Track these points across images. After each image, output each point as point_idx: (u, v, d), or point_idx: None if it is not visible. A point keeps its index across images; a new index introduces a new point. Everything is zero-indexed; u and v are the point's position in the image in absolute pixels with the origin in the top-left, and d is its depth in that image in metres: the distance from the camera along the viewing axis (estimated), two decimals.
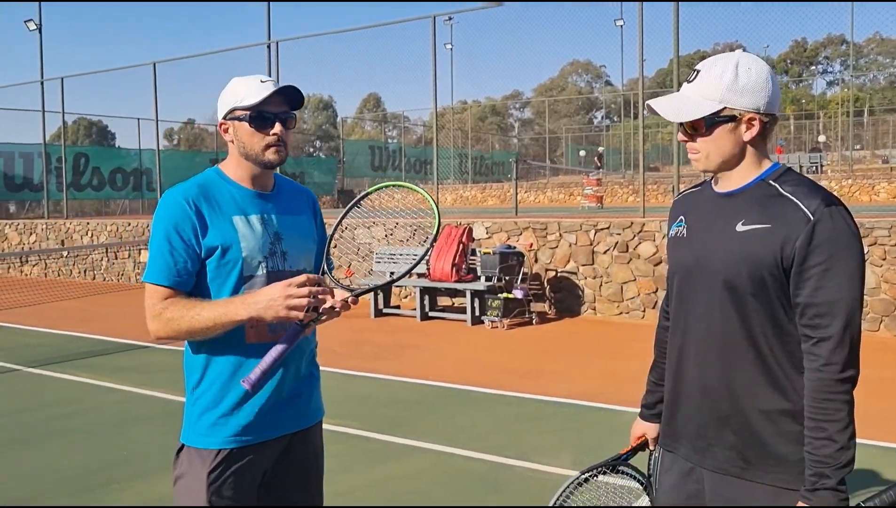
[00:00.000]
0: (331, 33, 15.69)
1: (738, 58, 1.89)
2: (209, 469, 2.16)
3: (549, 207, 27.93)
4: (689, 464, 2.03)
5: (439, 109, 13.65)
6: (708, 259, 1.94)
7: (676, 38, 10.78)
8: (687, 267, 2.02)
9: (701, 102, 1.89)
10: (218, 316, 2.08)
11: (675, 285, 2.09)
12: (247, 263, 2.17)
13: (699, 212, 2.04)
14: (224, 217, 2.18)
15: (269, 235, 2.23)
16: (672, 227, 2.12)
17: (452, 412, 6.04)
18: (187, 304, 2.13)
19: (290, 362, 2.26)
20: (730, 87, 1.86)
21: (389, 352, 8.38)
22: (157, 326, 2.15)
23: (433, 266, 10.19)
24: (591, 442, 5.24)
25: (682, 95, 1.94)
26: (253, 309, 2.05)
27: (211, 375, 2.20)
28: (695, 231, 2.02)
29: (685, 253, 2.03)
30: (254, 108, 2.17)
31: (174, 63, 17.47)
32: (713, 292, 1.93)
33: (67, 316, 11.38)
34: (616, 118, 52.61)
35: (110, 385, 7.02)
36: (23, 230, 17.82)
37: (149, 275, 2.16)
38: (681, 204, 2.15)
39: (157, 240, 2.16)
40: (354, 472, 4.63)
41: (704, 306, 1.96)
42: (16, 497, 4.42)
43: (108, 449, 5.25)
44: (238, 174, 2.26)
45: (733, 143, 1.91)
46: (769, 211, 1.85)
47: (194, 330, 2.10)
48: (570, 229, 10.37)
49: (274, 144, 2.20)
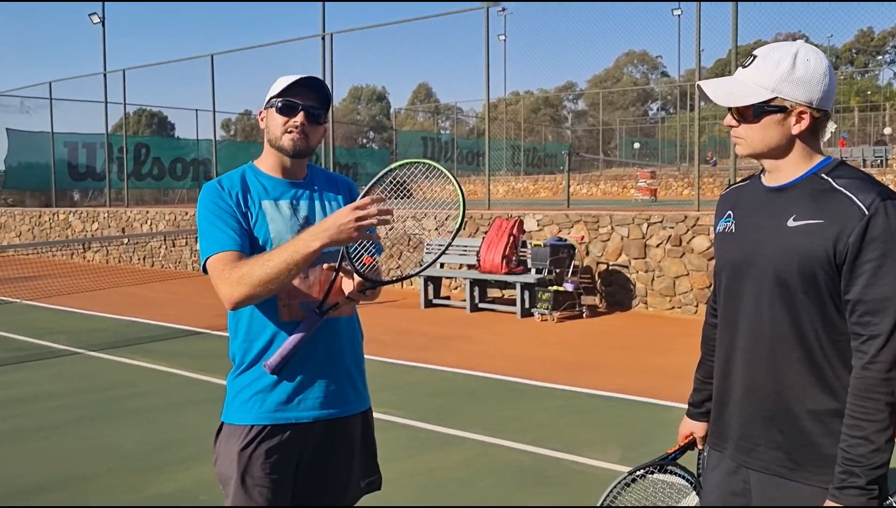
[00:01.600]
0: (384, 25, 15.77)
1: (797, 48, 1.84)
2: (241, 446, 2.24)
3: (601, 199, 27.67)
4: (735, 463, 2.00)
5: (492, 100, 13.64)
6: (757, 255, 1.89)
7: (735, 28, 10.56)
8: (736, 263, 1.97)
9: (752, 89, 1.85)
10: (290, 254, 2.07)
11: (722, 282, 2.04)
12: (275, 245, 2.23)
13: (748, 207, 1.98)
14: (254, 202, 2.27)
15: (299, 219, 2.30)
16: (719, 222, 2.07)
17: (499, 404, 6.05)
18: (254, 258, 2.13)
19: (332, 348, 2.30)
20: (785, 77, 1.81)
21: (438, 343, 8.43)
22: (229, 288, 2.11)
23: (483, 258, 10.20)
24: (639, 437, 5.20)
25: (735, 79, 1.90)
26: (325, 236, 2.04)
27: (246, 354, 2.29)
28: (744, 227, 1.96)
29: (734, 249, 1.98)
30: (283, 94, 2.27)
31: (231, 55, 17.76)
32: (763, 289, 1.88)
33: (127, 302, 11.70)
34: (672, 110, 51.75)
35: (166, 369, 7.22)
36: (86, 218, 18.35)
37: (207, 249, 2.20)
38: (728, 199, 2.10)
39: (205, 220, 2.24)
40: (400, 461, 4.68)
41: (754, 303, 1.91)
42: (77, 473, 4.58)
43: (162, 431, 5.40)
44: (269, 165, 2.35)
45: (780, 134, 1.86)
46: (822, 206, 1.79)
47: (268, 277, 2.07)
48: (623, 222, 10.26)
49: (293, 131, 2.27)
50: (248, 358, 2.29)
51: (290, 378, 2.27)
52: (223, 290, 2.13)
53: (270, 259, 2.08)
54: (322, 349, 2.29)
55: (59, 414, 5.85)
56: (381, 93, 64.72)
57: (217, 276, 2.14)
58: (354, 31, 15.86)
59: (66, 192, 23.12)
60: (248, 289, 2.09)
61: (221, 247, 2.17)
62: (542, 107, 59.85)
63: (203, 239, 2.24)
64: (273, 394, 2.26)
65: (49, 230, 19.03)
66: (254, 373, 2.28)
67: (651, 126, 51.50)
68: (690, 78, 41.95)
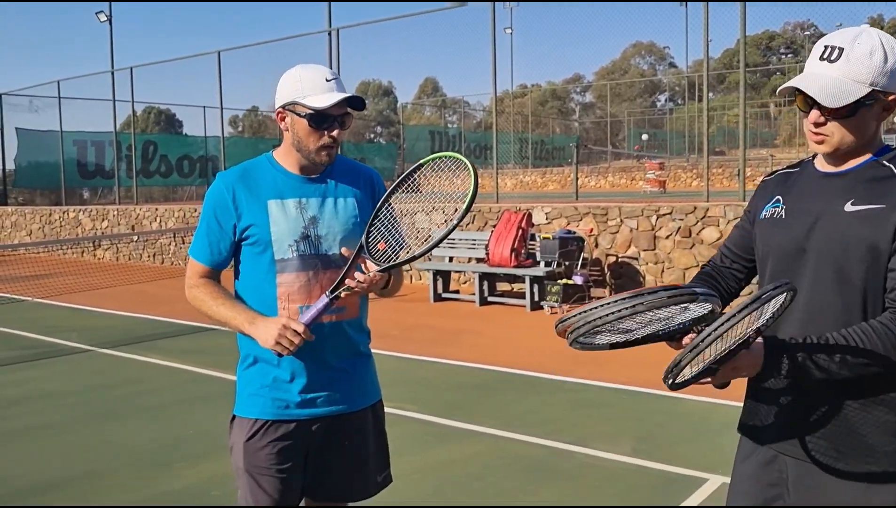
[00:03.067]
0: (391, 19, 15.73)
1: (878, 36, 1.77)
2: (246, 437, 2.28)
3: (610, 191, 27.58)
4: (773, 452, 1.94)
5: (499, 93, 13.57)
6: (813, 241, 1.83)
7: (743, 19, 10.48)
8: (787, 249, 1.90)
9: (850, 85, 1.74)
10: (229, 319, 2.29)
11: (768, 268, 1.96)
12: (276, 246, 2.25)
13: (800, 192, 1.92)
14: (259, 201, 2.26)
15: (304, 219, 2.27)
16: (766, 207, 1.99)
17: (511, 398, 6.04)
18: (214, 293, 2.32)
19: (331, 344, 2.30)
20: (881, 69, 1.74)
21: (448, 337, 8.41)
22: (189, 294, 2.39)
23: (492, 251, 10.17)
24: (652, 430, 5.18)
25: (824, 75, 1.77)
26: (253, 331, 2.21)
27: (251, 350, 2.31)
28: (796, 212, 1.89)
29: (784, 234, 1.90)
30: (317, 109, 2.20)
31: (238, 51, 17.75)
32: (817, 276, 1.82)
33: (137, 299, 11.73)
34: (680, 101, 51.52)
35: (177, 366, 7.23)
36: (95, 216, 18.40)
37: (192, 250, 2.37)
38: (776, 184, 2.03)
39: (202, 219, 2.36)
40: (412, 455, 4.66)
41: (808, 289, 1.84)
42: (89, 470, 4.59)
43: (173, 428, 5.41)
44: (287, 161, 2.33)
45: (872, 126, 1.81)
46: (883, 191, 1.75)
47: (211, 317, 2.34)
48: (632, 214, 10.21)
49: (328, 146, 2.24)
50: (252, 353, 2.32)
51: (296, 375, 2.27)
52: (186, 291, 2.40)
53: (218, 309, 2.30)
54: (323, 347, 2.28)
55: (70, 411, 5.87)
56: (388, 87, 64.64)
57: (187, 275, 2.41)
58: (361, 26, 15.84)
59: (75, 190, 23.19)
60: (196, 308, 2.39)
61: (197, 256, 2.37)
62: (550, 99, 59.67)
63: (196, 234, 2.39)
64: (277, 390, 2.28)
65: (59, 229, 19.10)
66: (258, 368, 2.31)
67: (659, 117, 51.28)
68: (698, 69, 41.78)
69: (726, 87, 51.24)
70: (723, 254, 2.17)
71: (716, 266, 2.17)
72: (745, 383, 2.16)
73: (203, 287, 2.35)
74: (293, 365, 2.27)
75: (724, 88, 51.08)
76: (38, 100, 22.58)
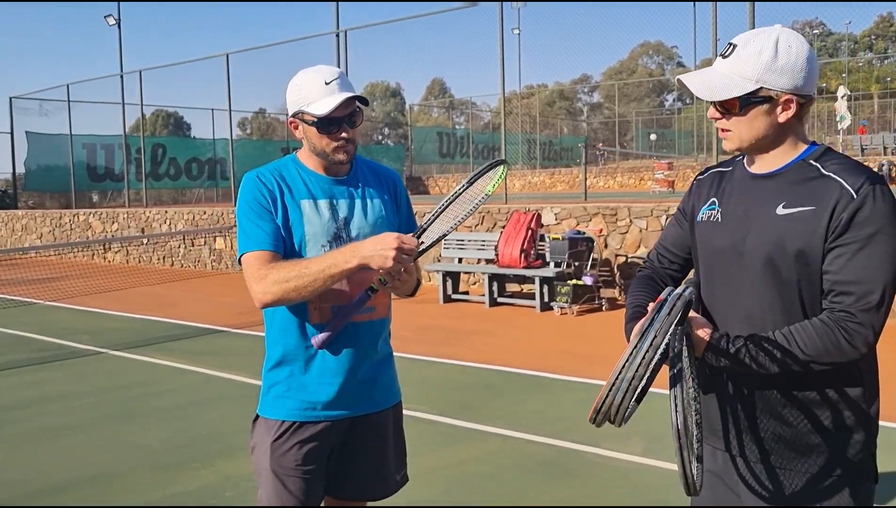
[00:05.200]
0: (398, 20, 15.80)
1: (777, 34, 1.78)
2: (273, 438, 2.27)
3: (619, 192, 27.55)
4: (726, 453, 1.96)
5: (507, 94, 13.57)
6: (746, 244, 1.84)
7: (752, 17, 10.47)
8: (722, 252, 1.91)
9: (736, 81, 1.78)
10: (327, 266, 2.11)
11: (706, 270, 1.98)
12: (309, 246, 2.24)
13: (733, 194, 1.92)
14: (293, 200, 2.26)
15: (336, 220, 2.28)
16: (702, 209, 2.00)
17: (521, 397, 6.05)
18: (292, 262, 2.17)
19: (361, 345, 2.31)
20: (768, 66, 1.75)
21: (458, 337, 8.43)
22: (263, 287, 2.15)
23: (501, 252, 10.18)
24: (661, 429, 5.17)
25: (716, 70, 1.83)
26: (364, 258, 2.08)
27: (280, 351, 2.30)
28: (731, 215, 1.90)
29: (720, 238, 1.91)
30: (320, 116, 2.21)
31: (246, 54, 17.81)
32: (752, 279, 1.83)
33: (148, 301, 11.79)
34: (688, 101, 51.40)
35: (188, 368, 7.27)
36: (105, 219, 18.49)
37: (245, 246, 2.23)
38: (709, 184, 2.03)
39: (244, 216, 2.25)
40: (422, 455, 4.67)
41: (742, 292, 1.86)
42: (102, 471, 4.62)
43: (186, 429, 5.44)
44: (312, 163, 2.33)
45: (768, 124, 1.80)
46: (811, 192, 1.76)
47: (302, 285, 2.11)
48: (641, 214, 10.21)
49: (342, 146, 2.25)
50: (279, 354, 2.31)
51: (322, 375, 2.28)
52: (255, 289, 2.17)
53: (308, 267, 2.12)
54: (353, 348, 2.30)
55: (83, 413, 5.91)
56: (396, 89, 64.72)
57: (251, 275, 2.18)
58: (369, 28, 15.89)
59: (85, 193, 23.32)
60: (281, 293, 2.14)
61: (258, 245, 2.20)
62: (558, 100, 59.65)
63: (241, 234, 2.26)
64: (304, 391, 2.28)
65: (69, 232, 19.20)
66: (285, 369, 2.30)
67: (667, 117, 51.18)
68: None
69: None
70: (660, 254, 2.18)
71: (655, 269, 2.18)
72: None
73: (279, 266, 2.15)
74: (322, 366, 2.27)
75: None
76: (47, 103, 22.75)
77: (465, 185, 2.19)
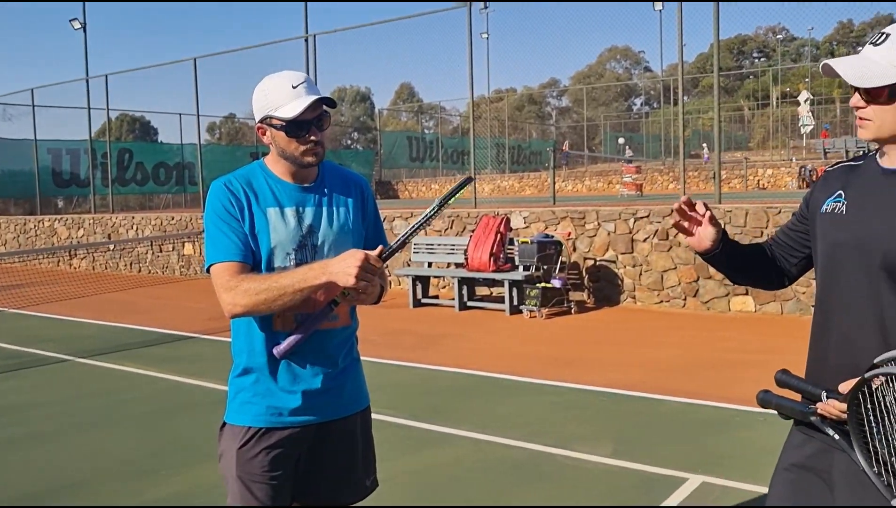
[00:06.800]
0: (367, 25, 15.77)
1: None
2: (239, 445, 2.27)
3: (587, 195, 27.75)
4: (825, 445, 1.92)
5: (476, 98, 13.64)
6: (870, 238, 1.82)
7: (717, 23, 10.64)
8: (842, 245, 1.89)
9: (889, 69, 1.77)
10: (296, 281, 2.13)
11: (825, 267, 1.95)
12: (275, 254, 2.25)
13: (862, 188, 1.91)
14: (259, 208, 2.26)
15: (302, 228, 2.28)
16: (827, 201, 1.97)
17: (491, 401, 6.08)
18: (262, 275, 2.19)
19: (326, 352, 2.33)
20: None
21: (428, 342, 8.45)
22: (232, 297, 2.16)
23: (471, 256, 10.23)
24: (632, 431, 5.24)
25: (866, 57, 1.81)
26: (329, 272, 2.11)
27: (245, 358, 2.31)
28: (856, 208, 1.88)
29: (843, 231, 1.89)
30: (288, 119, 2.22)
31: (214, 58, 17.69)
32: (871, 275, 1.81)
33: (115, 308, 11.66)
34: (655, 104, 51.95)
35: (157, 375, 7.20)
36: (71, 225, 18.25)
37: (213, 256, 2.23)
38: (838, 177, 2.01)
39: (212, 224, 2.25)
40: (394, 460, 4.69)
41: (861, 289, 1.84)
42: (71, 480, 4.58)
43: (156, 437, 5.40)
44: (279, 169, 2.33)
45: None
46: None
47: (272, 299, 2.13)
48: (609, 217, 10.32)
49: (311, 149, 2.26)
50: (245, 361, 2.32)
51: (291, 382, 2.29)
52: (225, 299, 2.18)
53: (278, 281, 2.14)
54: (318, 355, 2.31)
55: (51, 422, 5.83)
56: (365, 93, 64.58)
57: (220, 285, 2.19)
58: (338, 32, 15.86)
59: (50, 199, 22.98)
60: (250, 304, 2.16)
61: (226, 256, 2.21)
62: (526, 104, 59.93)
63: (209, 243, 2.26)
64: (271, 397, 2.28)
65: (34, 238, 18.91)
66: (251, 376, 2.31)
67: (635, 121, 51.67)
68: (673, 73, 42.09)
69: (700, 90, 51.76)
70: (776, 241, 2.18)
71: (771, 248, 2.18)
72: (719, 384, 2.24)
73: (248, 278, 2.17)
74: (288, 372, 2.28)
75: (698, 91, 51.60)
76: (11, 108, 22.37)
77: (435, 207, 2.24)
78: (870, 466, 1.72)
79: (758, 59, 61.06)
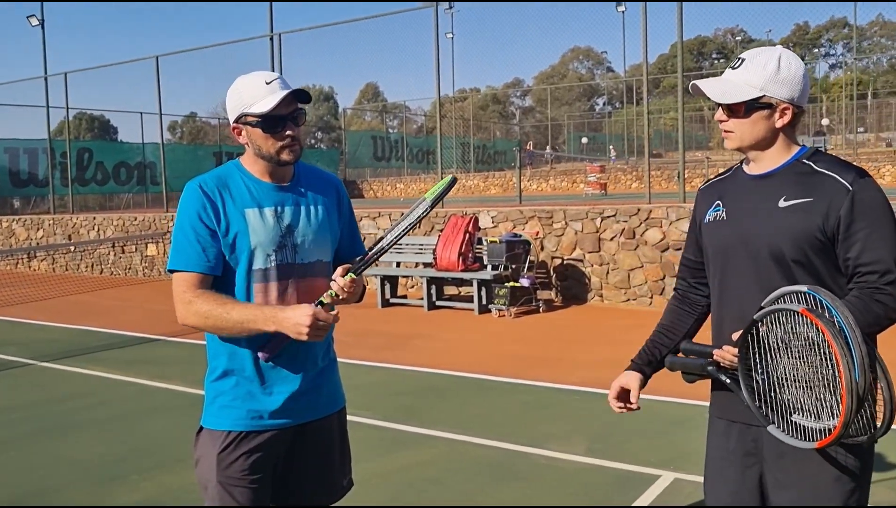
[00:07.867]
0: (332, 25, 15.69)
1: (780, 52, 2.06)
2: (219, 450, 2.25)
3: (552, 194, 27.91)
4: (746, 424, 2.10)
5: (440, 98, 13.64)
6: (753, 236, 2.06)
7: (680, 25, 10.77)
8: (730, 246, 2.12)
9: (744, 88, 2.05)
10: (246, 320, 2.16)
11: (717, 266, 2.18)
12: (255, 255, 2.23)
13: (736, 195, 2.16)
14: (237, 209, 2.24)
15: (281, 228, 2.27)
16: (708, 212, 2.22)
17: (463, 401, 6.09)
18: (218, 300, 2.19)
19: (306, 354, 2.31)
20: (772, 77, 2.03)
21: (397, 342, 8.43)
22: (185, 313, 2.21)
23: (440, 256, 10.22)
24: (604, 429, 5.28)
25: (726, 78, 2.10)
26: (279, 323, 2.13)
27: (225, 362, 2.28)
28: (735, 212, 2.13)
29: (727, 233, 2.13)
30: (264, 114, 2.20)
31: (177, 56, 17.45)
32: (759, 267, 2.04)
33: (77, 310, 11.44)
34: (618, 105, 52.46)
35: (122, 378, 7.08)
36: (30, 226, 17.87)
37: (176, 263, 2.22)
38: (713, 190, 2.25)
39: (181, 230, 2.23)
40: (367, 461, 4.67)
41: (750, 281, 2.06)
42: (36, 487, 4.47)
43: (123, 441, 5.31)
44: (255, 169, 2.31)
45: (766, 128, 2.07)
46: (808, 186, 2.01)
47: (220, 328, 2.19)
48: (576, 216, 10.39)
49: (288, 145, 2.24)
50: (224, 365, 2.29)
51: (270, 385, 2.27)
52: (179, 311, 2.23)
53: (230, 313, 2.16)
54: (298, 357, 2.29)
55: (15, 428, 5.70)
56: (329, 93, 64.20)
57: (177, 295, 2.22)
58: (303, 32, 15.75)
59: (6, 199, 22.49)
60: (200, 325, 2.21)
61: (188, 266, 2.21)
62: (490, 104, 60.10)
63: (175, 247, 2.24)
64: (251, 401, 2.26)
65: None
66: (231, 379, 2.28)
67: (598, 121, 52.11)
68: (635, 73, 42.58)
69: (661, 91, 52.36)
70: (684, 266, 2.38)
71: (683, 292, 2.38)
72: (696, 386, 2.29)
73: (204, 298, 2.18)
74: (267, 376, 2.27)
75: (659, 92, 52.19)
76: None
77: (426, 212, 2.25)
78: (752, 401, 1.94)
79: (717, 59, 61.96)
